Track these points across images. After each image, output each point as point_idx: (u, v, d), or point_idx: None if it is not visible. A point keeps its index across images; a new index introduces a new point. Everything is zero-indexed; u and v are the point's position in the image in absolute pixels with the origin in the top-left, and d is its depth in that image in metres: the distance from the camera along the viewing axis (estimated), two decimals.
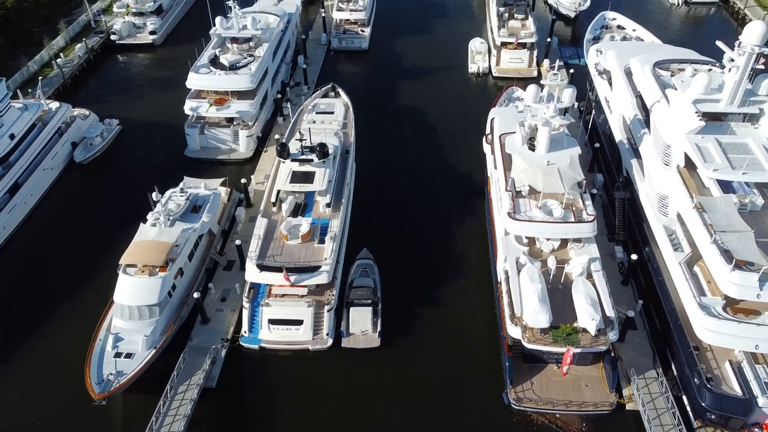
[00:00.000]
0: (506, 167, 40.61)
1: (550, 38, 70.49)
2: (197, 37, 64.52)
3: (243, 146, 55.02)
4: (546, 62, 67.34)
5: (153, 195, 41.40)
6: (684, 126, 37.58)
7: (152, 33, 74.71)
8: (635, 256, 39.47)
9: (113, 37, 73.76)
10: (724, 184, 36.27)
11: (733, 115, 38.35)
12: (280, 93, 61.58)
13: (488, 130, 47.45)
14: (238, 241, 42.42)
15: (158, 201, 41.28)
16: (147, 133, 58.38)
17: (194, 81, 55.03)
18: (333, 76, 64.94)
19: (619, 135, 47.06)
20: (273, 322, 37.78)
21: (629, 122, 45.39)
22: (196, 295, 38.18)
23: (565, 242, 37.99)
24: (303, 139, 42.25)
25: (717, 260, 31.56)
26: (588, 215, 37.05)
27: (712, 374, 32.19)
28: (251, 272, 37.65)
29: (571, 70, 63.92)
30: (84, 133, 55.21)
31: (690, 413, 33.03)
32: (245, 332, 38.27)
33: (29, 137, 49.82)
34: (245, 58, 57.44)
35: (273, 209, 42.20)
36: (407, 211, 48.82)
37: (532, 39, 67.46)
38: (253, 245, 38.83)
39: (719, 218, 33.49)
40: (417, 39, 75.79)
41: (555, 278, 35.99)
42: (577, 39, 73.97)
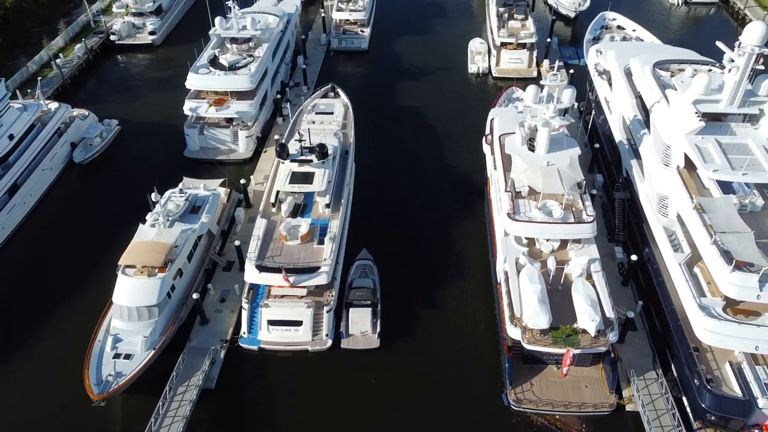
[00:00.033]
0: (506, 168, 40.56)
1: (550, 38, 70.44)
2: (197, 38, 64.49)
3: (242, 147, 54.99)
4: (546, 62, 67.29)
5: (152, 195, 41.38)
6: (684, 126, 37.54)
7: (152, 33, 74.68)
8: (635, 257, 39.46)
9: (113, 38, 73.74)
10: (724, 185, 36.24)
11: (733, 116, 38.34)
12: (280, 93, 61.55)
13: (488, 131, 47.40)
14: (238, 242, 42.42)
15: (157, 201, 41.27)
16: (146, 134, 58.36)
17: (194, 81, 55.02)
18: (332, 77, 64.90)
19: (619, 135, 47.02)
20: (272, 323, 37.76)
21: (629, 123, 45.35)
22: (195, 296, 38.15)
23: (565, 243, 37.96)
24: (302, 140, 42.19)
25: (717, 261, 31.53)
26: (588, 216, 37.01)
27: (712, 375, 32.16)
28: (250, 273, 37.61)
29: (571, 71, 63.91)
30: (83, 134, 55.22)
31: (690, 414, 33.01)
32: (244, 333, 38.23)
33: (28, 137, 49.81)
34: (245, 59, 57.41)
35: (272, 210, 42.16)
36: (407, 212, 48.78)
37: (532, 39, 67.45)
38: (253, 246, 38.80)
39: (719, 219, 33.47)
40: (417, 39, 75.77)
41: (555, 279, 35.95)
42: (577, 39, 73.95)
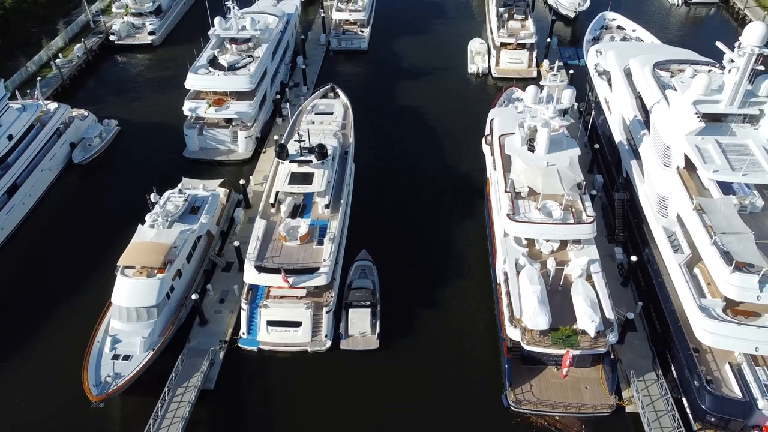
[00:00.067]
0: (505, 168, 40.51)
1: (550, 39, 70.37)
2: (196, 38, 64.36)
3: (242, 147, 54.93)
4: (546, 63, 67.24)
5: (151, 196, 41.29)
6: (684, 127, 37.48)
7: (151, 33, 74.61)
8: (635, 258, 39.41)
9: (112, 38, 73.67)
10: (724, 186, 36.20)
11: (733, 116, 38.25)
12: (279, 94, 61.49)
13: (488, 131, 47.37)
14: (237, 243, 42.39)
15: (156, 202, 41.20)
16: (146, 134, 58.30)
17: (193, 81, 54.95)
18: (332, 77, 64.87)
19: (619, 136, 46.96)
20: (271, 324, 37.70)
21: (629, 123, 45.29)
22: (195, 297, 38.09)
23: (565, 243, 37.90)
24: (302, 140, 42.12)
25: (717, 262, 31.48)
26: (587, 216, 36.95)
27: (712, 376, 32.12)
28: (250, 274, 37.55)
29: (571, 71, 63.89)
30: (82, 134, 55.16)
31: (690, 415, 32.95)
32: (244, 334, 38.17)
33: (27, 138, 49.72)
34: (244, 59, 57.34)
35: (272, 210, 42.11)
36: (406, 212, 48.72)
37: (532, 39, 67.38)
38: (252, 246, 38.74)
39: (719, 220, 33.42)
40: (416, 39, 75.71)
41: (554, 280, 35.89)
42: (577, 39, 73.91)
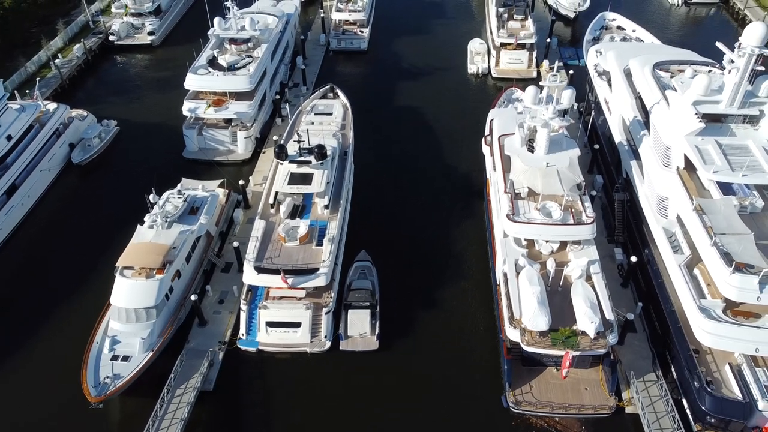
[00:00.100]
0: (505, 169, 40.43)
1: (550, 39, 70.33)
2: (196, 38, 64.26)
3: (241, 147, 54.87)
4: (545, 63, 67.22)
5: (150, 196, 41.19)
6: (684, 127, 37.43)
7: (151, 34, 74.57)
8: (635, 258, 39.36)
9: (111, 38, 73.64)
10: (724, 186, 36.12)
11: (733, 117, 38.20)
12: (279, 94, 61.44)
13: (487, 131, 47.30)
14: (236, 243, 42.34)
15: (155, 202, 41.08)
16: (145, 134, 58.24)
17: (192, 82, 54.92)
18: (332, 77, 64.80)
19: (619, 136, 46.89)
20: (271, 325, 37.64)
21: (629, 123, 45.23)
22: (194, 298, 38.02)
23: (565, 244, 37.84)
24: (301, 141, 42.07)
25: (717, 263, 31.43)
26: (587, 217, 36.88)
27: (712, 377, 32.06)
28: (249, 274, 37.48)
29: (571, 71, 63.86)
30: (82, 134, 55.10)
31: (690, 416, 32.90)
32: (243, 335, 38.09)
33: (27, 138, 49.67)
34: (244, 59, 57.30)
35: (271, 211, 42.03)
36: (406, 213, 48.66)
37: (532, 40, 67.34)
38: (251, 247, 38.67)
39: (719, 220, 33.36)
40: (416, 39, 75.66)
41: (554, 281, 35.83)
42: (577, 40, 73.86)
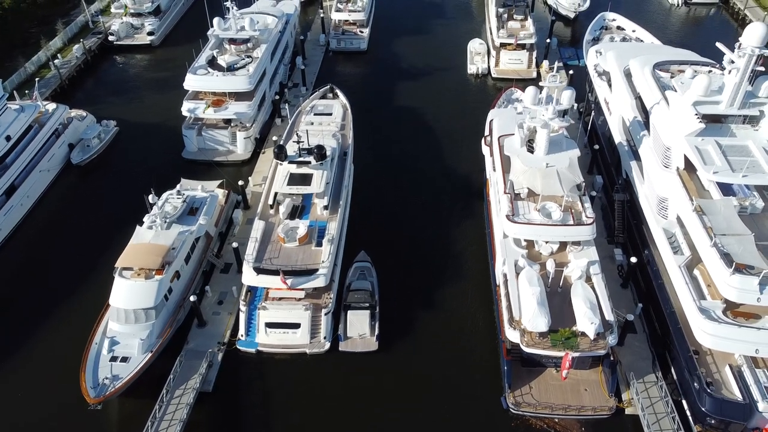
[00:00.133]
0: (505, 169, 40.35)
1: (550, 39, 70.26)
2: (195, 38, 64.20)
3: (240, 148, 54.81)
4: (545, 63, 67.17)
5: (149, 197, 41.11)
6: (684, 128, 37.36)
7: (150, 34, 74.53)
8: (635, 259, 39.30)
9: (111, 38, 73.61)
10: (724, 187, 36.06)
11: (733, 117, 38.13)
12: (278, 94, 61.37)
13: (487, 132, 47.23)
14: (235, 244, 42.26)
15: (155, 203, 41.00)
16: (144, 135, 58.17)
17: (192, 82, 54.86)
18: (331, 77, 64.73)
19: (619, 137, 46.83)
20: (270, 326, 37.56)
21: (629, 124, 45.17)
22: (193, 298, 37.94)
23: (564, 245, 37.76)
24: (301, 141, 42.03)
25: (717, 263, 31.37)
26: (587, 218, 36.82)
27: (712, 378, 32.00)
28: (248, 275, 37.42)
29: (571, 71, 63.82)
30: (81, 135, 55.02)
31: (690, 418, 32.83)
32: (242, 336, 38.03)
33: (26, 139, 49.60)
34: (243, 59, 57.23)
35: (270, 211, 41.96)
36: (406, 213, 48.59)
37: (532, 40, 67.28)
38: (250, 248, 38.61)
39: (719, 221, 33.30)
40: (416, 40, 75.61)
41: (554, 281, 35.76)
42: (577, 40, 73.81)
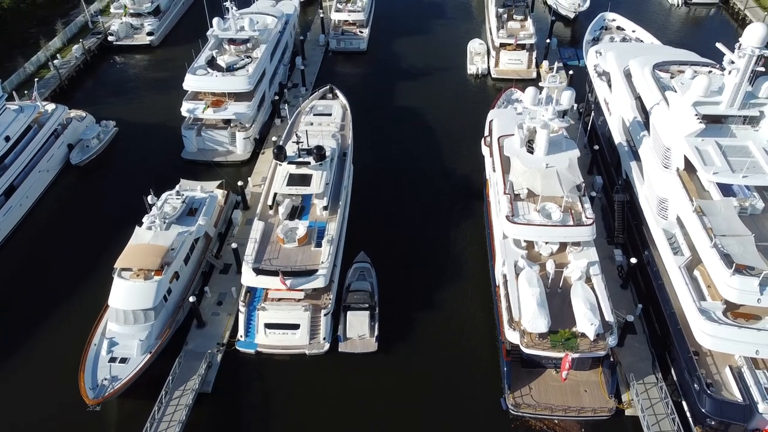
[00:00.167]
0: (505, 170, 40.29)
1: (549, 39, 70.22)
2: (195, 39, 64.14)
3: (240, 148, 54.76)
4: (545, 63, 67.12)
5: (149, 198, 41.06)
6: (684, 128, 37.31)
7: (150, 34, 74.46)
8: (634, 260, 39.25)
9: (110, 38, 73.51)
10: (724, 188, 35.99)
11: (734, 118, 38.08)
12: (278, 94, 61.31)
13: (487, 132, 47.18)
14: (235, 245, 42.21)
15: (154, 204, 40.98)
16: (144, 135, 58.11)
17: (191, 82, 54.79)
18: (331, 78, 64.68)
19: (619, 137, 46.78)
20: (269, 327, 37.51)
21: (629, 124, 45.11)
22: (192, 299, 37.89)
23: (564, 246, 37.71)
24: (300, 142, 41.98)
25: (717, 264, 31.31)
26: (587, 218, 36.77)
27: (712, 379, 31.95)
28: (247, 276, 37.37)
29: (570, 72, 63.79)
30: (80, 135, 54.95)
31: (690, 419, 32.76)
32: (241, 336, 37.98)
33: (25, 139, 49.51)
34: (242, 60, 57.15)
35: (270, 212, 41.92)
36: (405, 214, 48.53)
37: (531, 40, 67.23)
38: (250, 248, 38.56)
39: (719, 222, 33.24)
40: (416, 40, 75.57)
41: (554, 282, 35.69)
42: (577, 40, 73.77)
